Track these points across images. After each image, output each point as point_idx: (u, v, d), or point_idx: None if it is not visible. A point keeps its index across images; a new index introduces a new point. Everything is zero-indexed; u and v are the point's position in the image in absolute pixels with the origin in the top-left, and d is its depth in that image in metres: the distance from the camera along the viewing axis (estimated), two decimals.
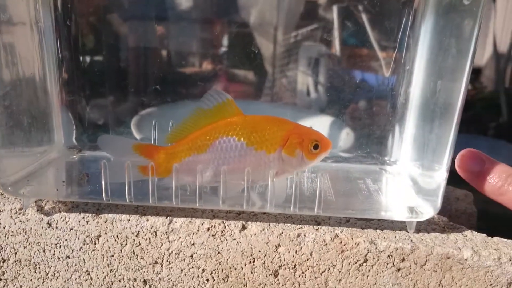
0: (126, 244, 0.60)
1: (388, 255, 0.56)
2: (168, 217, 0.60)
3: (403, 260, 0.56)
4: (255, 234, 0.58)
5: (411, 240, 0.56)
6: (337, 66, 0.77)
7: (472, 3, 0.51)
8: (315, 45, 0.75)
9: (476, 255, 0.54)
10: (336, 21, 0.72)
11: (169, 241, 0.59)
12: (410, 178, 0.67)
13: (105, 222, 0.60)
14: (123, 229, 0.59)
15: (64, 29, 0.71)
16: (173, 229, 0.59)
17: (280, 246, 0.58)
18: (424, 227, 0.60)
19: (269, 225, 0.59)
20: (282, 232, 0.57)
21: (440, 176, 0.56)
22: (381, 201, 0.62)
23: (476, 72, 3.21)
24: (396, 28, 0.68)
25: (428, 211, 0.57)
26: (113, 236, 0.60)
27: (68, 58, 0.73)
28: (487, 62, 3.11)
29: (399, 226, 0.60)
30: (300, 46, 0.76)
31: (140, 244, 0.60)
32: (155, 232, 0.59)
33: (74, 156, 0.75)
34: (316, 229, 0.58)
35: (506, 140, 2.44)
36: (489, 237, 0.58)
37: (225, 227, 0.59)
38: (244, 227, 0.59)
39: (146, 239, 0.60)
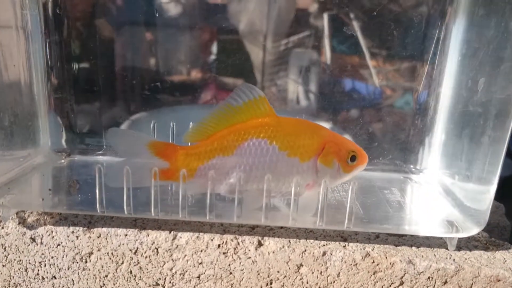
0: (123, 262, 0.52)
1: (428, 277, 0.48)
2: (172, 232, 0.52)
3: (445, 282, 0.48)
4: (273, 252, 0.50)
5: (454, 260, 0.49)
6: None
7: None
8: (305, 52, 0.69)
9: None
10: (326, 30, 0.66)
11: (172, 259, 0.51)
12: (442, 188, 0.60)
13: (98, 237, 0.52)
14: (119, 246, 0.51)
15: (54, 32, 0.64)
16: (177, 245, 0.51)
17: (302, 266, 0.50)
18: (464, 244, 0.53)
19: (289, 241, 0.51)
20: (305, 250, 0.50)
21: (491, 189, 0.48)
22: (414, 214, 0.55)
23: None
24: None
25: (471, 226, 0.50)
26: (107, 253, 0.52)
27: (56, 57, 0.65)
28: None
29: (437, 243, 0.52)
30: (291, 53, 0.69)
31: (138, 262, 0.52)
32: (157, 249, 0.51)
33: (63, 161, 0.66)
34: (344, 246, 0.50)
35: None
36: None
37: (238, 244, 0.51)
38: (260, 244, 0.51)
39: (146, 257, 0.51)
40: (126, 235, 0.52)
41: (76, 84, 0.67)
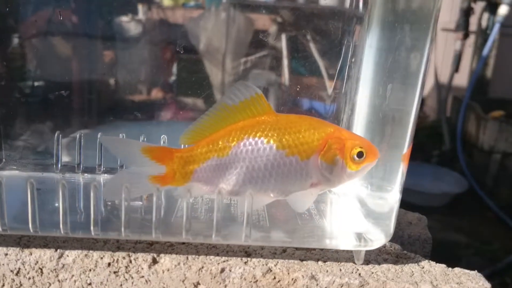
0: (3, 285, 0.47)
1: None
2: (58, 250, 0.47)
3: None
4: (168, 270, 0.46)
5: (359, 274, 0.46)
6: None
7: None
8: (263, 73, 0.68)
9: None
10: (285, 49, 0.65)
11: (58, 280, 0.47)
12: (358, 199, 0.57)
13: None
14: None
15: None
16: (64, 264, 0.46)
17: (199, 284, 0.46)
18: (374, 257, 0.50)
19: (187, 258, 0.47)
20: (202, 267, 0.46)
21: (392, 198, 0.46)
22: (324, 226, 0.52)
23: None
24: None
25: (378, 238, 0.48)
26: None
27: None
28: (429, 93, 3.18)
29: (345, 256, 0.50)
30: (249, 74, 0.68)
31: (21, 285, 0.47)
32: (41, 269, 0.47)
33: None
34: (245, 262, 0.47)
35: (449, 168, 2.47)
36: (449, 268, 0.49)
37: (130, 262, 0.46)
38: (155, 261, 0.47)
39: (29, 278, 0.47)
40: (6, 254, 0.47)
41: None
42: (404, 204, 0.55)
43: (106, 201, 0.51)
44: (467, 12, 2.69)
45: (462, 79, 2.85)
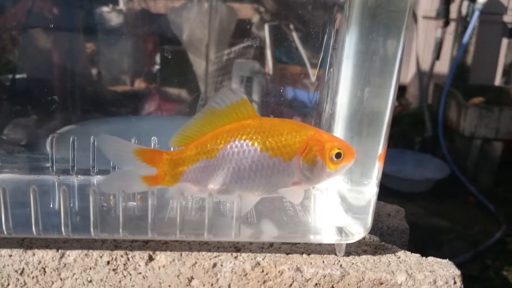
0: (8, 284, 0.50)
1: (316, 283, 0.49)
2: (60, 250, 0.50)
3: None
4: (164, 266, 0.50)
5: (341, 265, 0.50)
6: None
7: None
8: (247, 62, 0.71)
9: (411, 279, 0.49)
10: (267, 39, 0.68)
11: (61, 278, 0.50)
12: (339, 194, 0.61)
13: None
14: (3, 267, 0.49)
15: None
16: (65, 264, 0.50)
17: (193, 279, 0.50)
18: (354, 249, 0.54)
19: (181, 254, 0.51)
20: (196, 262, 0.50)
21: (369, 192, 0.50)
22: (307, 222, 0.56)
23: (401, 90, 3.34)
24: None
25: (358, 231, 0.52)
26: None
27: None
28: (411, 80, 3.24)
29: (328, 248, 0.54)
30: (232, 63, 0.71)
31: (25, 284, 0.50)
32: (44, 269, 0.50)
33: None
34: (235, 257, 0.51)
35: (431, 154, 2.53)
36: (423, 258, 0.53)
37: (128, 259, 0.50)
38: (151, 258, 0.50)
39: (33, 277, 0.50)
40: (10, 255, 0.50)
41: None
42: (388, 190, 0.58)
43: (102, 203, 0.55)
44: (447, 0, 2.74)
45: (443, 67, 2.90)
